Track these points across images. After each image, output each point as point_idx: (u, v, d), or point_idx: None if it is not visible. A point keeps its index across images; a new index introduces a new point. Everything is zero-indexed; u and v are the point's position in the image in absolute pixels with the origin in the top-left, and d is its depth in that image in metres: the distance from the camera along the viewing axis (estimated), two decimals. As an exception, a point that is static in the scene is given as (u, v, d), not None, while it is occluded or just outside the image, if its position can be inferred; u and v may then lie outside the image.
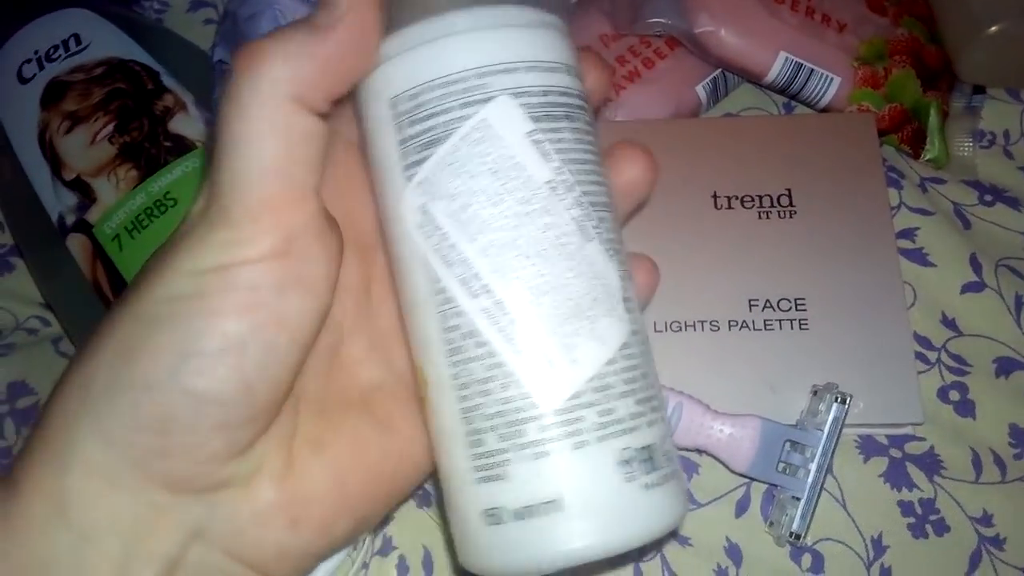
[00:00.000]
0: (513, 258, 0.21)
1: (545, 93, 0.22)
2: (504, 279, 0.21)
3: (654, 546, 0.35)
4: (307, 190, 0.22)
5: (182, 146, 0.38)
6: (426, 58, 0.21)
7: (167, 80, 0.40)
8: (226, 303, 0.21)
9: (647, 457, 0.22)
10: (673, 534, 0.35)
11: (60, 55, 0.41)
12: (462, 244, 0.21)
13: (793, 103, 0.43)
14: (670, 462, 0.23)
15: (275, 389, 0.21)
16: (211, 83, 0.38)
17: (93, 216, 0.38)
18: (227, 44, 0.37)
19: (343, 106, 0.23)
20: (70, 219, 0.38)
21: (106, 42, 0.42)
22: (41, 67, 0.41)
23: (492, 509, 0.21)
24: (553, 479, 0.21)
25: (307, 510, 0.23)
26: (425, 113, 0.21)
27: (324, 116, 0.22)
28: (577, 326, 0.21)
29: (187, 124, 0.39)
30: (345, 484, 0.23)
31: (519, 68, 0.22)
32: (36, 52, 0.41)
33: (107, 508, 0.21)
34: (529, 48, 0.22)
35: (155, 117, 0.39)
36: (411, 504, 0.36)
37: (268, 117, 0.20)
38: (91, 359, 0.21)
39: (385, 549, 0.35)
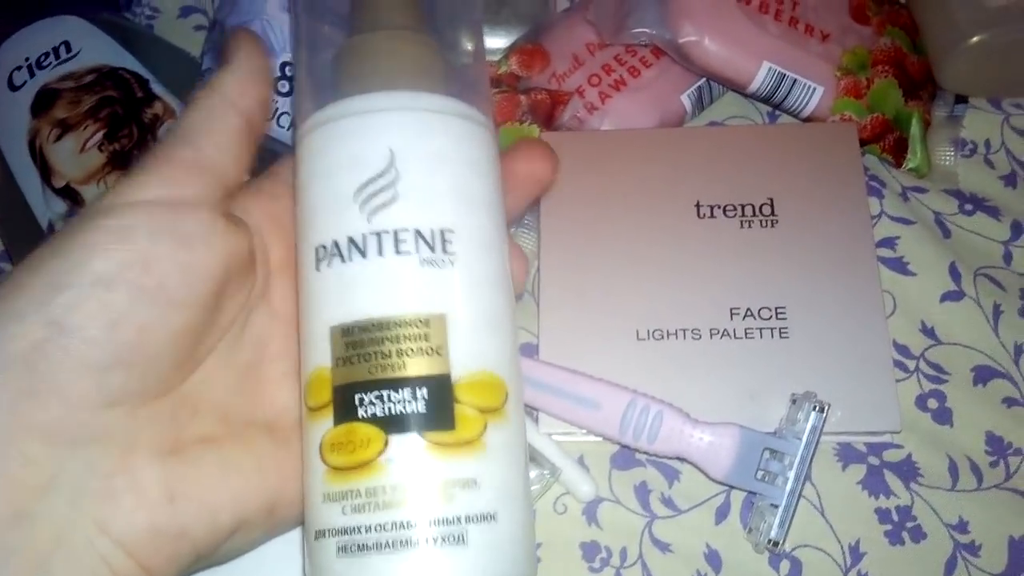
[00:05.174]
0: None
1: None
2: None
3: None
4: (213, 168, 0.24)
5: (171, 154, 0.39)
6: None
7: (157, 88, 0.41)
8: (99, 238, 0.22)
9: None
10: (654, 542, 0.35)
11: (51, 62, 0.41)
12: None
13: (777, 112, 0.44)
14: None
15: (145, 337, 0.22)
16: (199, 92, 0.38)
17: (82, 223, 0.38)
18: (215, 53, 0.38)
19: None
20: (60, 226, 0.39)
21: (96, 49, 0.42)
22: (32, 74, 0.41)
23: None
24: None
25: (188, 488, 0.22)
26: None
27: (253, 121, 0.25)
28: None
29: (176, 132, 0.40)
30: (233, 481, 0.23)
31: None
32: (27, 59, 0.42)
33: None
34: None
35: (144, 125, 0.40)
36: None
37: (206, 107, 0.25)
38: None
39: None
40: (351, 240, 0.23)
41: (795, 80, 0.40)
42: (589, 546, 0.35)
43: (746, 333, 0.37)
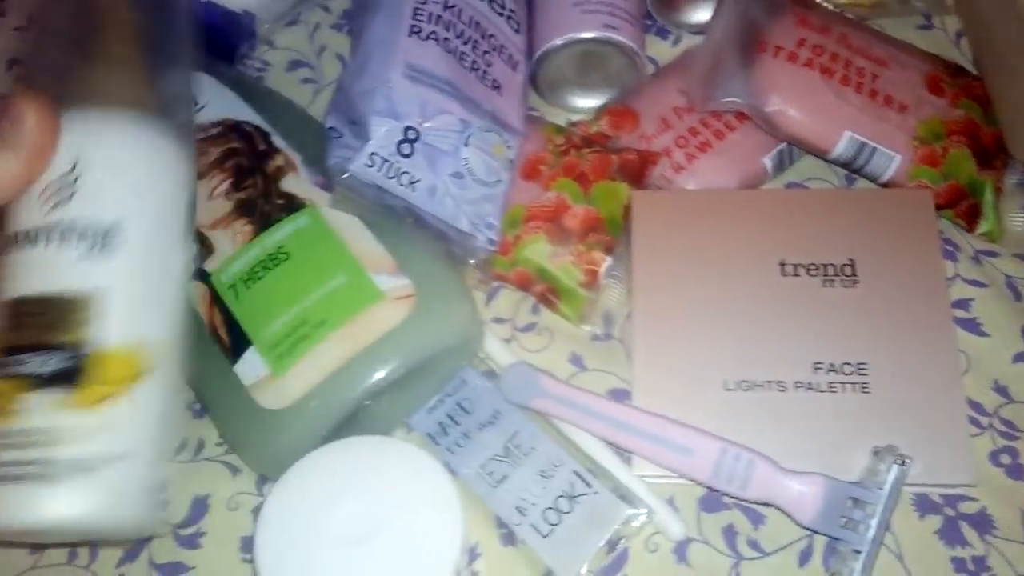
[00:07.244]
0: None
1: None
2: None
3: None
4: None
5: (293, 204, 0.42)
6: None
7: (277, 141, 0.44)
8: None
9: None
10: None
11: (179, 115, 0.45)
12: None
13: (854, 176, 0.46)
14: None
15: None
16: (324, 149, 0.41)
17: (211, 265, 0.41)
18: (339, 114, 0.41)
19: None
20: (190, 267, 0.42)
21: (220, 104, 0.45)
22: (162, 126, 0.45)
23: None
24: None
25: None
26: None
27: None
28: None
29: (297, 183, 0.42)
30: None
31: None
32: (157, 112, 0.45)
33: None
34: None
35: (267, 176, 0.43)
36: (497, 542, 0.39)
37: None
38: None
39: (472, 583, 0.38)
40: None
41: (875, 149, 0.43)
42: (680, 583, 0.38)
43: (829, 387, 0.39)
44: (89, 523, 0.30)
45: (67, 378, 0.30)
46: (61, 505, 0.30)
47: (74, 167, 0.32)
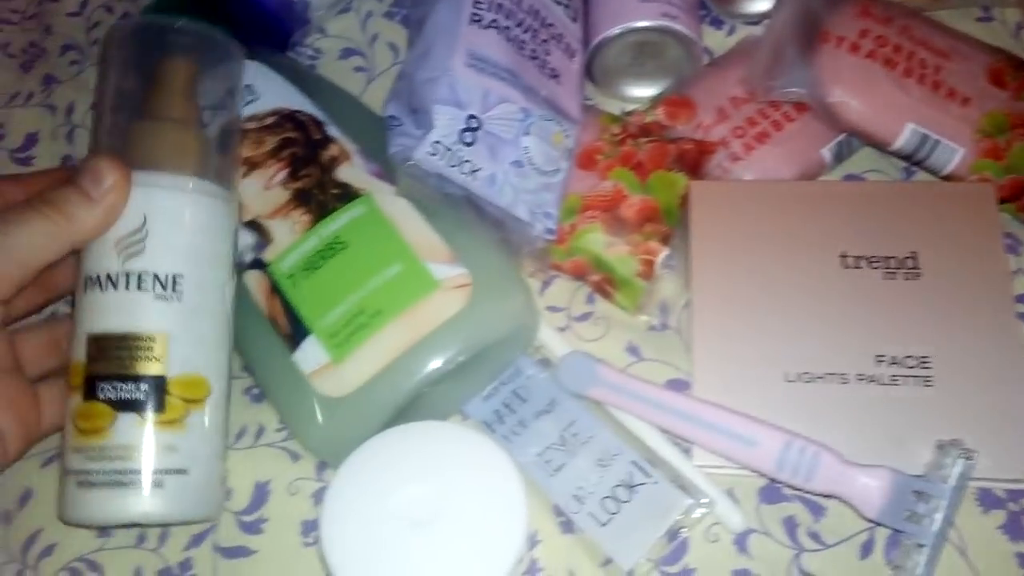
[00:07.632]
0: None
1: None
2: None
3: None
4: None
5: (349, 193, 0.42)
6: None
7: (332, 130, 0.44)
8: None
9: None
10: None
11: (236, 105, 0.45)
12: None
13: (913, 168, 0.46)
14: None
15: None
16: (379, 138, 0.41)
17: (269, 255, 0.42)
18: (399, 102, 0.41)
19: None
20: (247, 257, 0.42)
21: (276, 93, 0.46)
22: (217, 116, 0.45)
23: None
24: None
25: None
26: None
27: None
28: None
29: (352, 173, 0.43)
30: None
31: None
32: (211, 101, 0.46)
33: None
34: None
35: (323, 165, 0.43)
36: (556, 530, 0.39)
37: None
38: None
39: (531, 571, 0.39)
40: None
41: (937, 141, 0.42)
42: (740, 574, 0.38)
43: (891, 380, 0.39)
44: (165, 518, 0.37)
45: (144, 404, 0.36)
46: (143, 505, 0.36)
47: (144, 223, 0.37)
